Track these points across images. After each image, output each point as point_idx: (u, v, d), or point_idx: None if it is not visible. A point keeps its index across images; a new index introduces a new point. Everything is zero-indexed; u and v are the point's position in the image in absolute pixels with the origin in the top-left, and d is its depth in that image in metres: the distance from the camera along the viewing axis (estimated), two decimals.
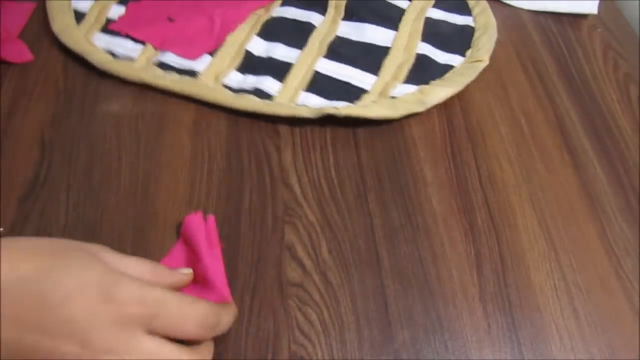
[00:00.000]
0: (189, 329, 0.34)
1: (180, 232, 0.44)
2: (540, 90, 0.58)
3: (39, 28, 0.58)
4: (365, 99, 0.54)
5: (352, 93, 0.54)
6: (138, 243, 0.44)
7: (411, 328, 0.41)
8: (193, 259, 0.42)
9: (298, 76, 0.55)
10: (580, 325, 0.42)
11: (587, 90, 0.59)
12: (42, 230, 0.44)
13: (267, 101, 0.53)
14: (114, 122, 0.51)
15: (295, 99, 0.53)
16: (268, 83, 0.54)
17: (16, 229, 0.44)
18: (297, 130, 0.52)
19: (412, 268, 0.44)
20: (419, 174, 0.50)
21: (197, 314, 0.34)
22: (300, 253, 0.44)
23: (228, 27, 0.59)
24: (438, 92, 0.54)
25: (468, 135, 0.53)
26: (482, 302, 0.43)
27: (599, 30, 0.65)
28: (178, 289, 0.38)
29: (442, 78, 0.56)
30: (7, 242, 0.33)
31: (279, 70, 0.56)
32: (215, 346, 0.39)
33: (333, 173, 0.50)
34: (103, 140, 0.50)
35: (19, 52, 0.55)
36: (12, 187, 0.46)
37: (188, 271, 0.39)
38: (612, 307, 0.43)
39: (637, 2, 0.69)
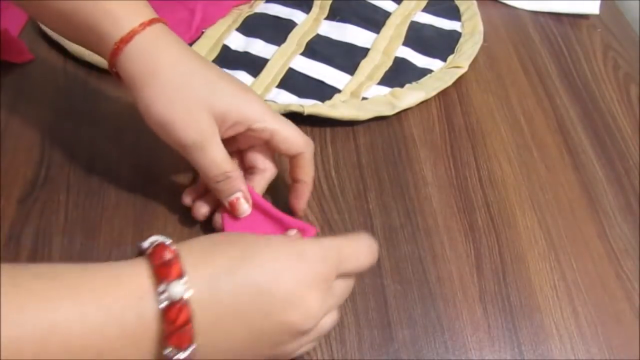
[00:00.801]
0: (365, 260, 0.36)
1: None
2: (540, 90, 0.58)
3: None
4: (336, 99, 0.54)
5: (324, 92, 0.54)
6: None
7: (411, 328, 0.41)
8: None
9: (272, 72, 0.55)
10: (580, 325, 0.42)
11: (587, 90, 0.59)
12: (42, 230, 0.44)
13: None
14: (114, 122, 0.51)
15: (265, 94, 0.53)
16: (241, 77, 0.54)
17: (16, 229, 0.44)
18: None
19: (412, 268, 0.44)
20: (419, 174, 0.50)
21: (365, 245, 0.36)
22: None
23: (208, 21, 0.59)
24: (410, 95, 0.54)
25: (468, 135, 0.53)
26: (482, 302, 0.43)
27: (599, 30, 0.65)
28: None
29: (417, 82, 0.56)
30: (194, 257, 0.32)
31: (254, 65, 0.56)
32: None
33: (333, 173, 0.50)
34: (103, 140, 0.50)
35: (19, 52, 0.55)
36: (12, 187, 0.46)
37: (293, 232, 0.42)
38: (612, 307, 0.43)
39: (637, 2, 0.69)
